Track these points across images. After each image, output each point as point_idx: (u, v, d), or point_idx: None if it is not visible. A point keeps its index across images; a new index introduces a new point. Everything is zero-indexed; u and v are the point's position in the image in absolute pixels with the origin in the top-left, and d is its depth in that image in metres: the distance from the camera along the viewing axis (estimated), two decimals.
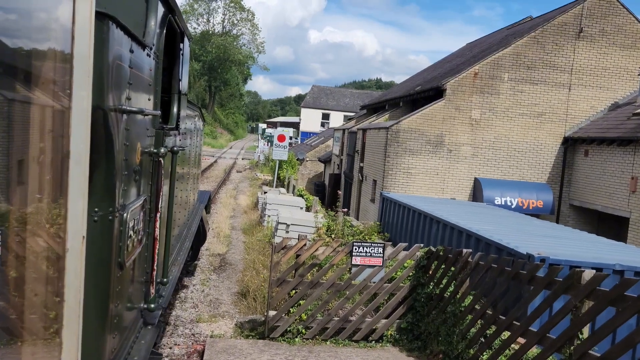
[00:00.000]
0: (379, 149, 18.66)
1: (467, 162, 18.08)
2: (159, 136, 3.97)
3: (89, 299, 2.24)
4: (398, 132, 17.71)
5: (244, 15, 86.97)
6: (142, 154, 3.43)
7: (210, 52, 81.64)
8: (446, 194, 17.98)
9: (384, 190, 17.71)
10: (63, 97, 1.67)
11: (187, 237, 7.31)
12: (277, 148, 27.54)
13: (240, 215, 19.19)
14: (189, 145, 6.90)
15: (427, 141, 17.86)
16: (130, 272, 3.36)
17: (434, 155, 17.93)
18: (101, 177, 2.72)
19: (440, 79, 19.70)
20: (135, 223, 3.29)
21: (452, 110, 17.86)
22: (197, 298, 9.61)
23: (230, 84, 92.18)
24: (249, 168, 40.94)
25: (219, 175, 31.75)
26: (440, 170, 17.97)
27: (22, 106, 1.68)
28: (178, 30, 4.86)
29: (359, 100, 70.81)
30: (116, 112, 2.80)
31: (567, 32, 17.93)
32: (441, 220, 9.35)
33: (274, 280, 7.35)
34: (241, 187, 28.90)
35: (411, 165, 17.83)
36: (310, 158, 37.81)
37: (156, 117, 3.88)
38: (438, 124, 17.85)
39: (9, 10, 1.51)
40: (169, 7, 4.22)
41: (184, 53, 5.15)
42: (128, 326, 3.50)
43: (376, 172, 18.99)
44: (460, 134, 17.97)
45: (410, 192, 17.82)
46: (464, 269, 6.44)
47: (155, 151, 3.73)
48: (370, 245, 7.48)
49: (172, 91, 5.07)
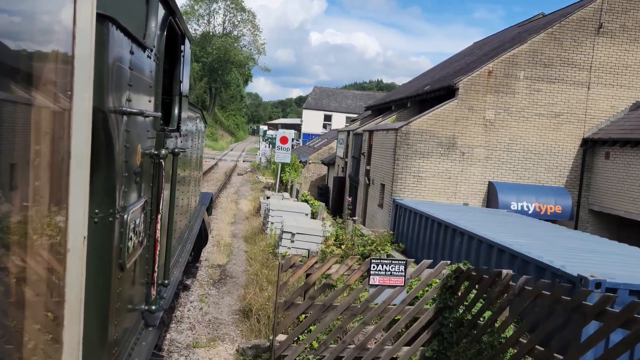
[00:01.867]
0: (388, 152, 17.74)
1: (481, 165, 17.14)
2: (159, 138, 3.92)
3: (90, 300, 2.24)
4: (408, 134, 16.78)
5: (244, 16, 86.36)
6: (143, 156, 3.41)
7: (210, 53, 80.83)
8: (459, 199, 17.04)
9: (393, 195, 16.78)
10: (64, 98, 1.66)
11: (188, 239, 7.20)
12: (280, 150, 26.61)
13: (241, 222, 18.25)
14: (190, 146, 6.84)
15: (438, 143, 16.93)
16: (131, 273, 3.35)
17: (446, 158, 16.99)
18: (101, 179, 2.71)
19: (450, 78, 18.78)
20: (136, 225, 3.28)
21: (465, 111, 16.93)
22: (194, 317, 8.69)
23: (231, 85, 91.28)
24: (251, 171, 40.01)
25: (220, 178, 30.76)
26: (452, 173, 17.03)
27: (24, 108, 1.64)
28: (179, 32, 4.84)
29: (361, 101, 70.03)
30: (116, 114, 2.78)
31: (586, 28, 16.99)
32: (466, 232, 8.39)
33: (281, 304, 6.42)
34: (242, 190, 27.96)
35: (422, 169, 16.90)
36: (313, 160, 36.86)
37: (157, 118, 3.85)
38: (450, 124, 16.92)
39: (10, 12, 1.49)
40: (170, 9, 4.20)
41: (184, 55, 5.13)
42: (129, 327, 3.49)
43: (384, 175, 18.06)
44: (474, 136, 17.04)
45: (421, 197, 16.90)
46: (503, 293, 5.51)
47: (156, 153, 3.71)
48: (391, 263, 6.55)
49: (173, 93, 5.03)
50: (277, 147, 26.77)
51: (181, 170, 5.68)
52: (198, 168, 8.75)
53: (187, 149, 6.15)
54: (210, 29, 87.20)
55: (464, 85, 16.86)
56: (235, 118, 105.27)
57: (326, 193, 33.40)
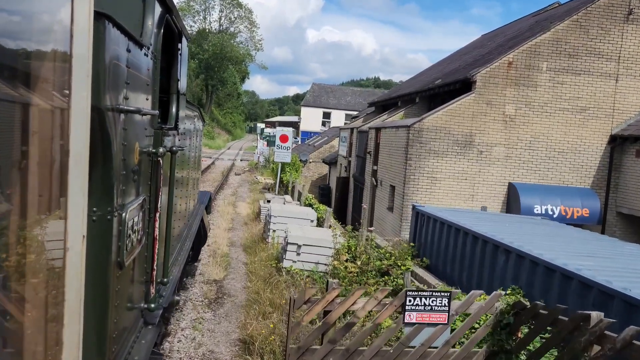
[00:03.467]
0: (398, 151, 16.34)
1: (500, 165, 15.75)
2: (157, 136, 3.90)
3: (90, 298, 2.25)
4: (421, 131, 15.38)
5: (241, 12, 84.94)
6: (141, 154, 3.40)
7: (206, 50, 79.29)
8: (476, 202, 15.67)
9: (405, 198, 15.39)
10: (62, 97, 1.66)
11: (187, 237, 7.18)
12: (280, 149, 25.16)
13: (240, 228, 16.82)
14: (189, 145, 6.81)
15: (454, 141, 15.53)
16: (130, 271, 3.32)
17: (462, 157, 15.60)
18: (99, 177, 2.68)
19: (463, 71, 17.39)
20: (134, 223, 3.26)
21: (483, 106, 15.53)
22: (185, 351, 7.31)
23: (228, 82, 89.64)
24: (249, 170, 38.55)
25: (217, 178, 29.27)
26: (469, 174, 15.64)
27: (21, 107, 1.61)
28: (176, 30, 4.83)
29: (360, 98, 68.63)
30: (114, 112, 2.77)
31: (614, 15, 15.60)
32: (514, 250, 6.95)
33: (294, 350, 5.03)
34: (240, 192, 26.52)
35: (436, 169, 15.51)
36: (313, 159, 35.43)
37: (154, 117, 3.83)
38: (467, 121, 15.53)
39: (7, 10, 1.47)
40: (167, 7, 4.19)
41: (182, 53, 5.10)
42: (129, 326, 3.46)
43: (394, 176, 16.66)
44: (492, 133, 15.64)
45: (435, 200, 15.52)
46: (594, 344, 4.12)
47: (154, 151, 3.71)
48: (431, 296, 5.16)
49: (171, 91, 5.01)
50: (277, 146, 25.32)
51: (179, 169, 5.64)
52: (196, 166, 8.75)
53: (185, 147, 6.12)
54: (206, 26, 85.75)
55: (482, 77, 15.46)
56: (232, 116, 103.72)
57: (328, 194, 31.99)
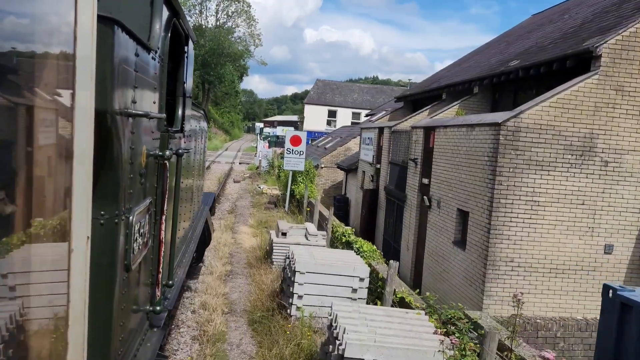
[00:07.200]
0: (477, 160, 11.07)
1: (636, 182, 10.51)
2: (164, 139, 3.85)
3: (97, 300, 2.26)
4: (518, 132, 10.12)
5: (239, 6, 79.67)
6: (148, 157, 3.42)
7: (203, 46, 73.97)
8: (598, 238, 10.41)
9: (492, 231, 10.10)
10: (66, 98, 1.68)
11: (192, 239, 7.15)
12: (290, 155, 19.87)
13: (241, 273, 11.45)
14: (194, 146, 6.76)
15: (566, 146, 10.29)
16: (136, 274, 3.33)
17: (578, 171, 10.35)
18: (107, 181, 2.71)
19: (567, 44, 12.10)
20: (141, 226, 3.27)
21: (611, 93, 10.29)
22: None
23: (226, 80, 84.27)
24: (249, 176, 33.22)
25: (212, 187, 23.87)
26: (588, 195, 10.39)
27: (26, 108, 1.59)
28: (183, 33, 4.88)
29: (368, 95, 63.45)
30: (122, 116, 2.78)
31: None
32: None
33: None
34: (241, 207, 21.16)
35: (539, 188, 10.26)
36: (325, 164, 30.11)
37: (161, 119, 3.84)
38: (585, 116, 10.29)
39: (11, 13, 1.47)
40: (174, 10, 4.22)
41: (188, 55, 5.12)
42: (134, 328, 3.46)
43: (468, 197, 11.39)
44: (625, 134, 10.40)
45: (536, 234, 10.26)
46: None
47: (161, 154, 3.69)
48: None
49: (177, 93, 5.01)
50: (287, 151, 20.01)
51: (185, 171, 5.51)
52: (201, 167, 8.62)
53: (190, 150, 6.04)
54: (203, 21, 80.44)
55: (609, 51, 10.20)
56: (230, 115, 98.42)
57: (345, 206, 26.63)
